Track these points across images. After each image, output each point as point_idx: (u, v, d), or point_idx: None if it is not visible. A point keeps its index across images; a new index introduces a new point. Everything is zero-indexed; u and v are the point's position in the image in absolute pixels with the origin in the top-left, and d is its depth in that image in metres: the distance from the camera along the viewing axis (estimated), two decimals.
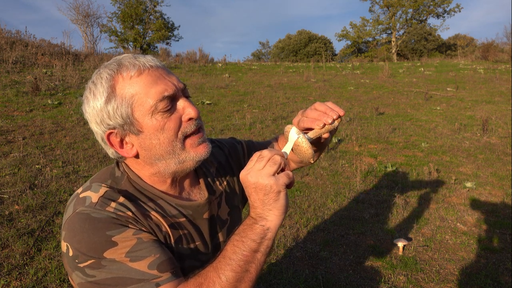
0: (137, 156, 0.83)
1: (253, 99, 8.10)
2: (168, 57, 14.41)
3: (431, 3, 28.56)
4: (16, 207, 3.17)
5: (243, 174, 0.73)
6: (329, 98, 8.74)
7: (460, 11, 28.96)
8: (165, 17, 26.49)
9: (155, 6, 25.10)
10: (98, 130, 0.82)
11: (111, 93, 0.78)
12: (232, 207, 1.02)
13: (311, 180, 4.35)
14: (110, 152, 0.84)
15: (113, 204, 0.76)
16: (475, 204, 3.81)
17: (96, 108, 0.79)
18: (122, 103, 0.78)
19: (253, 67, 13.51)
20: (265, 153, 0.72)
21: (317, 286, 2.45)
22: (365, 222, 3.40)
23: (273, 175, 0.70)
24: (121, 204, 0.77)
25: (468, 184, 4.21)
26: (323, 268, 2.66)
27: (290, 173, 0.72)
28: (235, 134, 5.77)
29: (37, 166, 4.04)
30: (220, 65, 13.25)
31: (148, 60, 0.81)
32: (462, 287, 2.50)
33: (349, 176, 4.51)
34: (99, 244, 0.70)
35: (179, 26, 27.68)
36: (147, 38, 25.78)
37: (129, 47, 24.61)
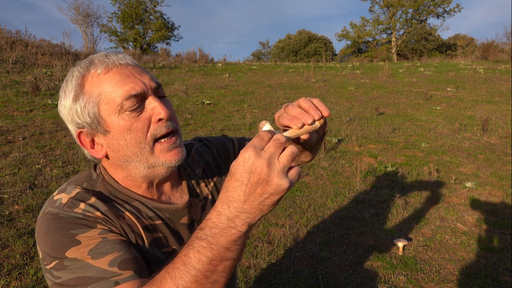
0: (107, 157, 0.80)
1: (253, 99, 8.10)
2: (168, 57, 14.42)
3: (431, 3, 28.58)
4: (16, 207, 3.17)
5: (251, 154, 0.57)
6: (329, 98, 8.74)
7: (460, 11, 29.01)
8: (165, 17, 26.52)
9: (155, 6, 25.12)
10: (71, 129, 0.80)
11: (80, 91, 0.76)
12: None
13: (311, 180, 4.35)
14: (86, 152, 0.82)
15: (82, 205, 0.74)
16: (475, 204, 3.81)
17: (67, 106, 0.78)
18: (89, 102, 0.76)
19: (253, 67, 13.51)
20: (282, 139, 0.59)
21: (317, 286, 2.45)
22: (365, 222, 3.40)
23: (287, 171, 0.59)
24: (91, 205, 0.74)
25: (468, 184, 4.21)
26: (323, 268, 2.66)
27: (299, 169, 0.61)
28: (235, 134, 5.77)
29: (37, 166, 4.04)
30: (220, 65, 13.25)
31: (119, 57, 0.78)
32: (462, 287, 2.50)
33: (349, 176, 4.51)
34: (61, 243, 0.68)
35: (179, 26, 27.73)
36: (147, 38, 25.79)
37: (129, 47, 24.62)
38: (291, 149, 0.59)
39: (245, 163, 0.58)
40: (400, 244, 2.87)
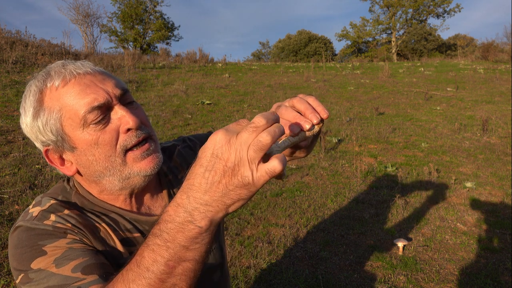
0: (80, 173, 0.76)
1: (253, 99, 8.10)
2: (168, 57, 14.42)
3: (431, 3, 28.58)
4: (16, 207, 3.17)
5: (222, 138, 0.49)
6: (329, 98, 8.74)
7: (460, 11, 29.01)
8: (165, 17, 26.52)
9: (155, 6, 25.11)
10: (38, 146, 0.76)
11: (39, 107, 0.71)
12: None
13: (311, 180, 4.35)
14: (58, 170, 0.78)
15: (52, 217, 0.70)
16: (475, 204, 3.81)
17: (28, 124, 0.73)
18: (51, 118, 0.71)
19: (253, 67, 13.51)
20: (259, 122, 0.48)
21: (317, 286, 2.45)
22: (365, 222, 3.40)
23: (258, 165, 0.48)
24: (62, 216, 0.70)
25: (468, 184, 4.21)
26: (323, 268, 2.66)
27: (279, 168, 0.48)
28: None
29: (37, 166, 4.04)
30: (220, 65, 13.25)
31: (77, 66, 0.73)
32: (462, 287, 2.50)
33: (349, 176, 4.51)
34: (28, 255, 0.65)
35: (179, 26, 27.72)
36: (147, 38, 25.79)
37: (129, 47, 24.62)
38: (259, 138, 0.47)
39: (213, 147, 0.49)
40: (400, 244, 2.87)
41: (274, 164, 0.47)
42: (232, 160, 0.47)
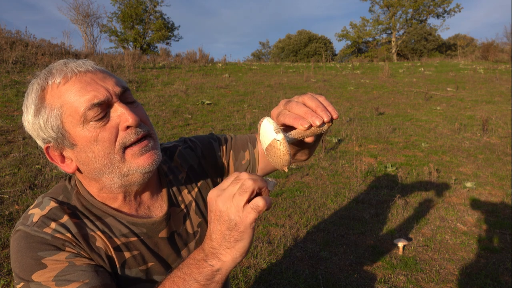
0: (80, 170, 0.77)
1: (253, 99, 8.10)
2: (168, 57, 14.42)
3: (431, 3, 28.58)
4: (16, 207, 3.17)
5: (213, 195, 0.61)
6: (329, 98, 8.72)
7: (460, 11, 28.99)
8: (165, 17, 26.52)
9: (155, 6, 25.11)
10: (39, 144, 0.77)
11: (40, 105, 0.73)
12: (204, 217, 0.92)
13: (311, 180, 4.35)
14: (59, 168, 0.79)
15: (52, 225, 0.71)
16: (475, 204, 3.81)
17: (30, 122, 0.75)
18: (52, 115, 0.72)
19: (253, 67, 13.50)
20: (243, 176, 0.59)
21: (317, 286, 2.45)
22: (365, 222, 3.40)
23: (243, 206, 0.57)
24: (62, 224, 0.72)
25: (468, 184, 4.21)
26: (323, 268, 2.66)
27: (262, 203, 0.57)
28: (235, 134, 5.76)
29: (37, 166, 4.04)
30: (220, 65, 13.24)
31: (79, 64, 0.74)
32: (462, 287, 2.50)
33: (349, 176, 4.51)
34: (28, 266, 0.66)
35: (179, 26, 27.72)
36: (147, 38, 25.80)
37: (129, 47, 24.63)
38: (243, 182, 0.58)
39: (208, 204, 0.62)
40: (400, 244, 2.87)
41: (257, 200, 0.56)
42: (219, 210, 0.58)
